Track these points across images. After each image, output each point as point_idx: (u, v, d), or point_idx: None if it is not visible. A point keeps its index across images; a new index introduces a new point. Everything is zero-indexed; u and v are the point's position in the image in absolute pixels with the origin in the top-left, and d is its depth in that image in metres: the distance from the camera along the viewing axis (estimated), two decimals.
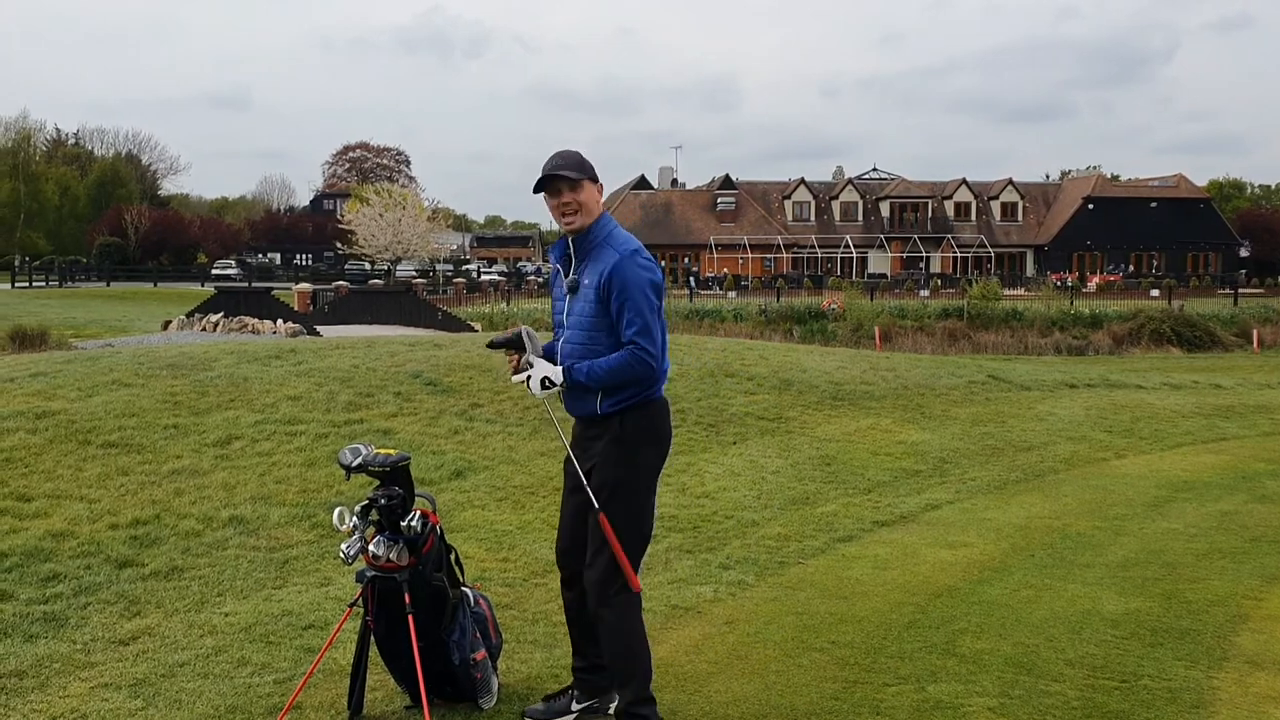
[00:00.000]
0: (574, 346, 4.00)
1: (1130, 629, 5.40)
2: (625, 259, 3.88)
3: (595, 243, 3.98)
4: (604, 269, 3.89)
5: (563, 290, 4.07)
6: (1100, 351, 34.76)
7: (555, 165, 3.96)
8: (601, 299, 3.89)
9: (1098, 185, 75.83)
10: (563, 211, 3.97)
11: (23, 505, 6.66)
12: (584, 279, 3.96)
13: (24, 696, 4.35)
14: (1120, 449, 11.20)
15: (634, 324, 3.86)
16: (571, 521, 4.19)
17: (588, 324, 3.95)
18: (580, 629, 4.25)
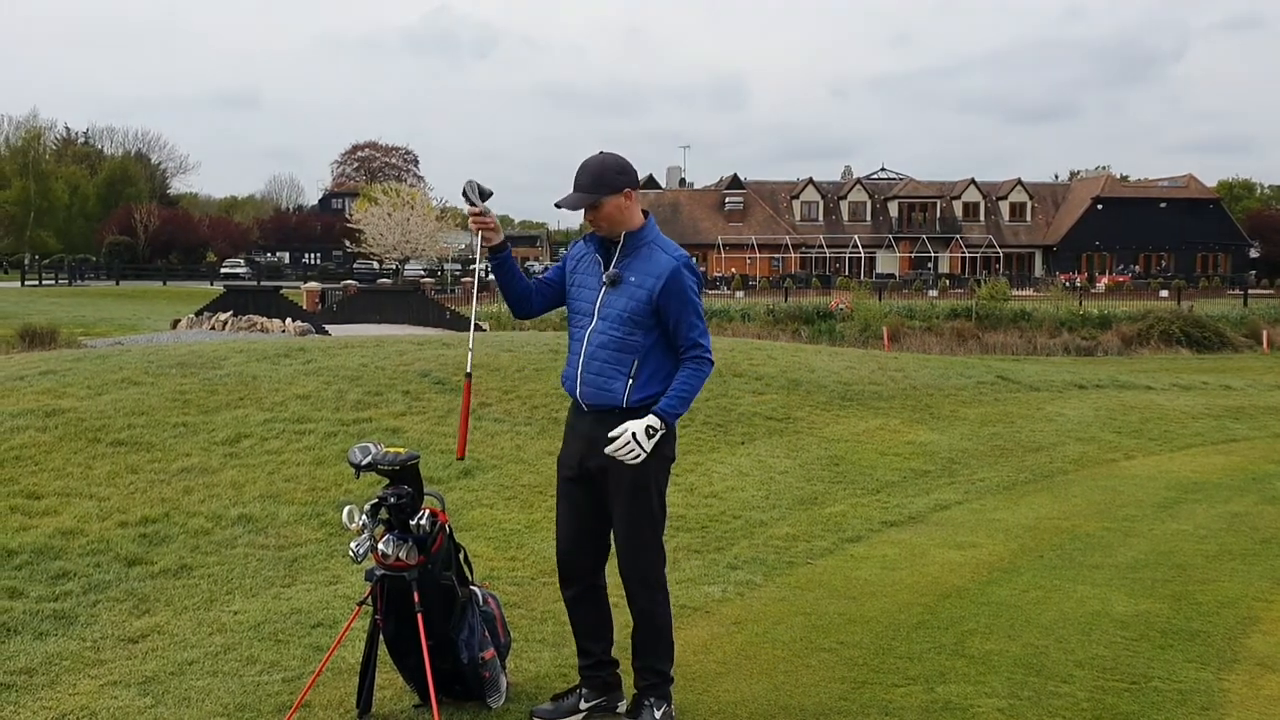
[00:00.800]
0: (606, 338, 3.99)
1: (1140, 630, 5.39)
2: (682, 265, 4.00)
3: (644, 242, 4.04)
4: (661, 273, 3.95)
5: (598, 281, 4.06)
6: (1109, 352, 34.65)
7: (573, 192, 3.99)
8: (654, 301, 3.94)
9: (1107, 185, 75.70)
10: (594, 226, 4.07)
11: (32, 503, 6.68)
12: (629, 275, 3.98)
13: (34, 694, 4.36)
14: (1129, 450, 11.17)
15: (696, 326, 4.01)
16: (570, 519, 4.19)
17: (626, 319, 3.96)
18: (584, 627, 4.25)
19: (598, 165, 3.98)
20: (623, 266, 4.02)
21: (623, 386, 3.98)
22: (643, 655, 4.16)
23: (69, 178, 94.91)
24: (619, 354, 3.98)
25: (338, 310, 37.32)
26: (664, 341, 4.01)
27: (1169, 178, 77.89)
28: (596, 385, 4.02)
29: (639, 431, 3.87)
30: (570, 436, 4.21)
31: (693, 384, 3.98)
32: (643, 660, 4.16)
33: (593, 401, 4.05)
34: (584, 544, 4.18)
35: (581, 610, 4.25)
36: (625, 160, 4.05)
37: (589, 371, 4.03)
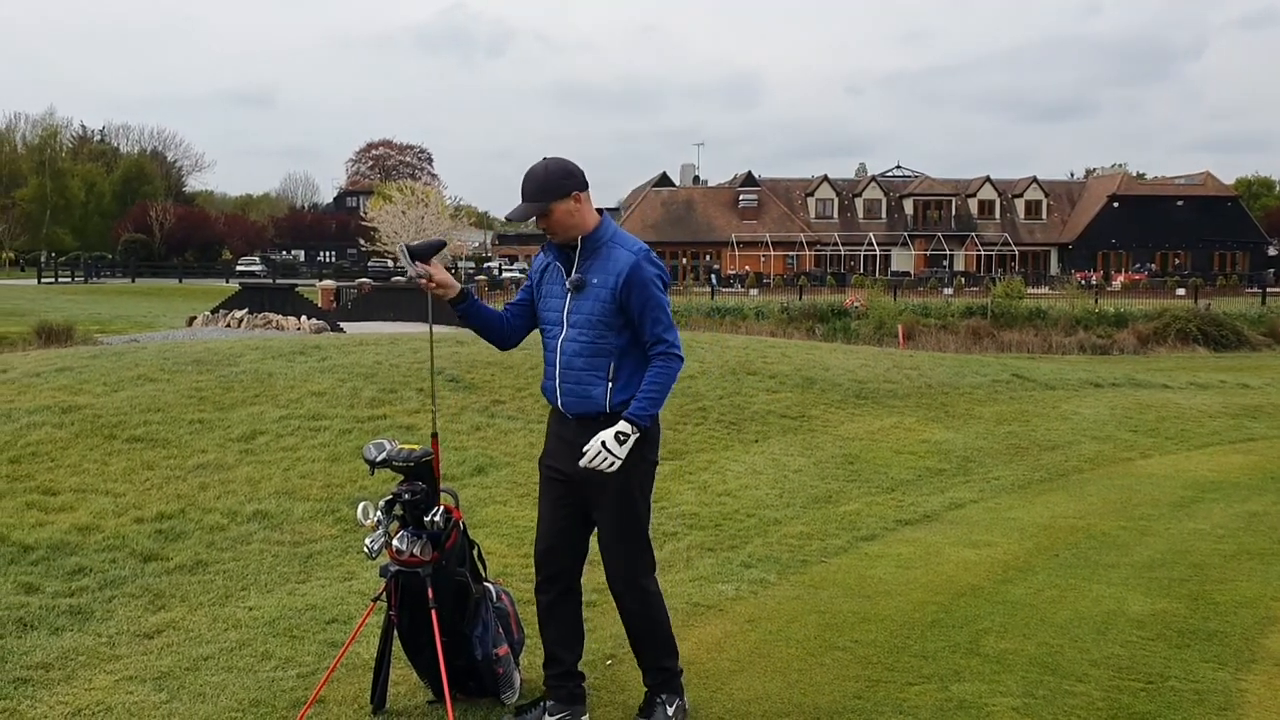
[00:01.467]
0: (579, 345, 3.94)
1: (1156, 630, 5.36)
2: (640, 258, 3.92)
3: (601, 242, 3.96)
4: (620, 269, 3.89)
5: (562, 289, 3.99)
6: (1125, 351, 34.49)
7: (520, 205, 3.92)
8: (618, 299, 3.88)
9: (1123, 183, 75.35)
10: (548, 234, 4.01)
11: (49, 499, 6.72)
12: (592, 278, 3.92)
13: (50, 688, 4.38)
14: (1146, 449, 11.12)
15: (660, 321, 3.91)
16: (552, 517, 4.12)
17: (595, 322, 3.91)
18: (557, 634, 4.16)
19: (541, 172, 3.91)
20: (584, 270, 3.95)
21: (603, 391, 3.93)
22: (646, 655, 4.15)
23: (85, 175, 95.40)
24: (594, 359, 3.93)
25: (352, 308, 37.40)
26: (638, 340, 3.96)
27: (1186, 175, 77.46)
28: (576, 394, 3.97)
29: (609, 440, 3.79)
30: (553, 440, 4.15)
31: (661, 382, 3.89)
32: (647, 660, 4.15)
33: (575, 410, 3.99)
34: (564, 544, 4.11)
35: (556, 616, 4.16)
36: (570, 164, 3.98)
37: (567, 381, 3.98)
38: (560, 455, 4.05)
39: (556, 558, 4.13)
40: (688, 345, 13.74)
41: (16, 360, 10.65)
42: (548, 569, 4.14)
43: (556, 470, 4.08)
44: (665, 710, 4.08)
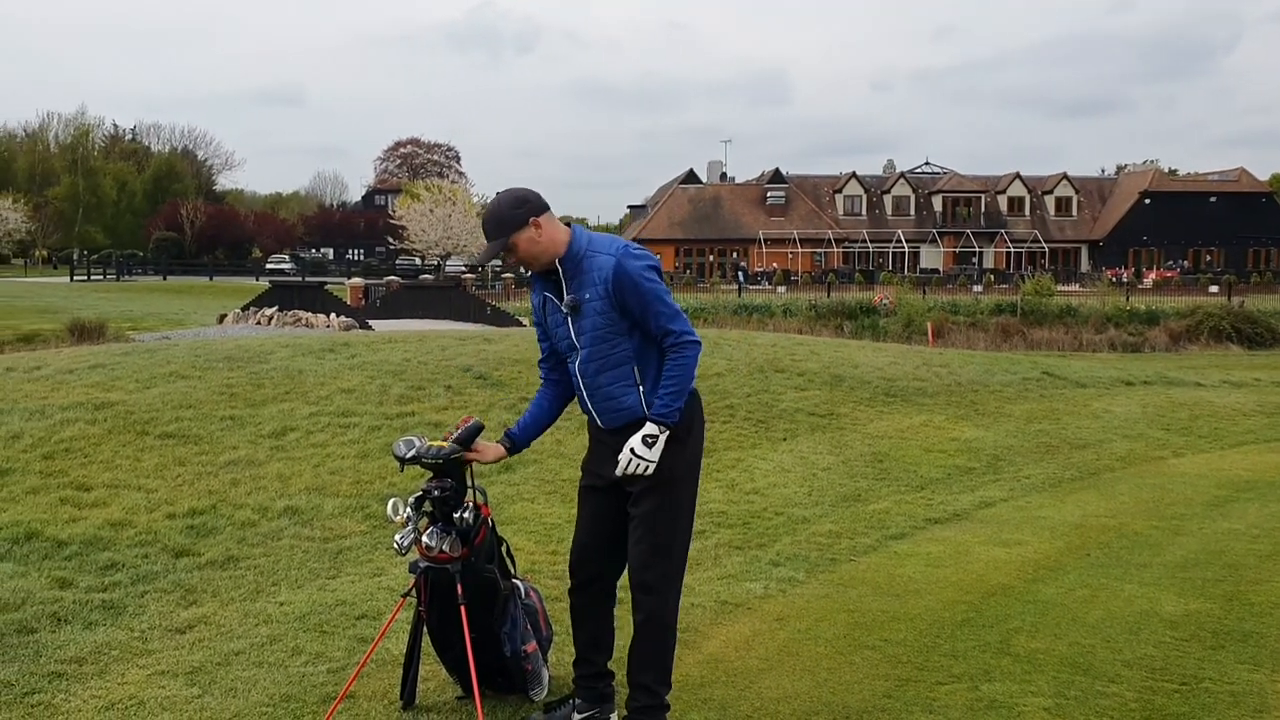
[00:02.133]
0: (595, 364, 3.89)
1: (1190, 631, 5.30)
2: (620, 257, 3.83)
3: (580, 256, 3.87)
4: (605, 275, 3.80)
5: (561, 316, 3.94)
6: (1157, 349, 34.20)
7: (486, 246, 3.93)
8: (614, 304, 3.82)
9: (1155, 180, 74.64)
10: (526, 267, 3.98)
11: (82, 495, 6.78)
12: (584, 294, 3.85)
13: (84, 682, 4.42)
14: (1178, 447, 11.01)
15: (662, 314, 3.83)
16: (591, 522, 4.09)
17: (602, 335, 3.86)
18: (589, 635, 4.14)
19: (494, 209, 3.88)
20: (573, 289, 3.87)
21: (636, 398, 3.88)
22: (639, 671, 3.95)
23: (117, 174, 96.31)
24: (615, 371, 3.88)
25: (381, 306, 37.55)
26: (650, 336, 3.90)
27: (1219, 171, 76.64)
28: (611, 409, 3.93)
29: (637, 445, 3.77)
30: (594, 445, 4.12)
31: (678, 374, 3.82)
32: (639, 677, 3.95)
33: (615, 424, 3.94)
34: (601, 550, 4.07)
35: (589, 619, 4.13)
36: (522, 191, 3.92)
37: (597, 400, 3.94)
38: (602, 460, 4.00)
39: (592, 563, 4.10)
40: (715, 343, 13.73)
41: (50, 357, 10.76)
42: (583, 573, 4.12)
43: (598, 476, 4.04)
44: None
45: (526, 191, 3.93)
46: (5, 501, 6.58)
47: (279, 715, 4.13)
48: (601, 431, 4.03)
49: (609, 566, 4.12)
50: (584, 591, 4.13)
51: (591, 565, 4.10)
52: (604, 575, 4.12)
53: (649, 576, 3.93)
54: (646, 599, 3.93)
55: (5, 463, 7.19)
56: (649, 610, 3.93)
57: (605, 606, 4.16)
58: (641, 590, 3.94)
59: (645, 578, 3.93)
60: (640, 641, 3.97)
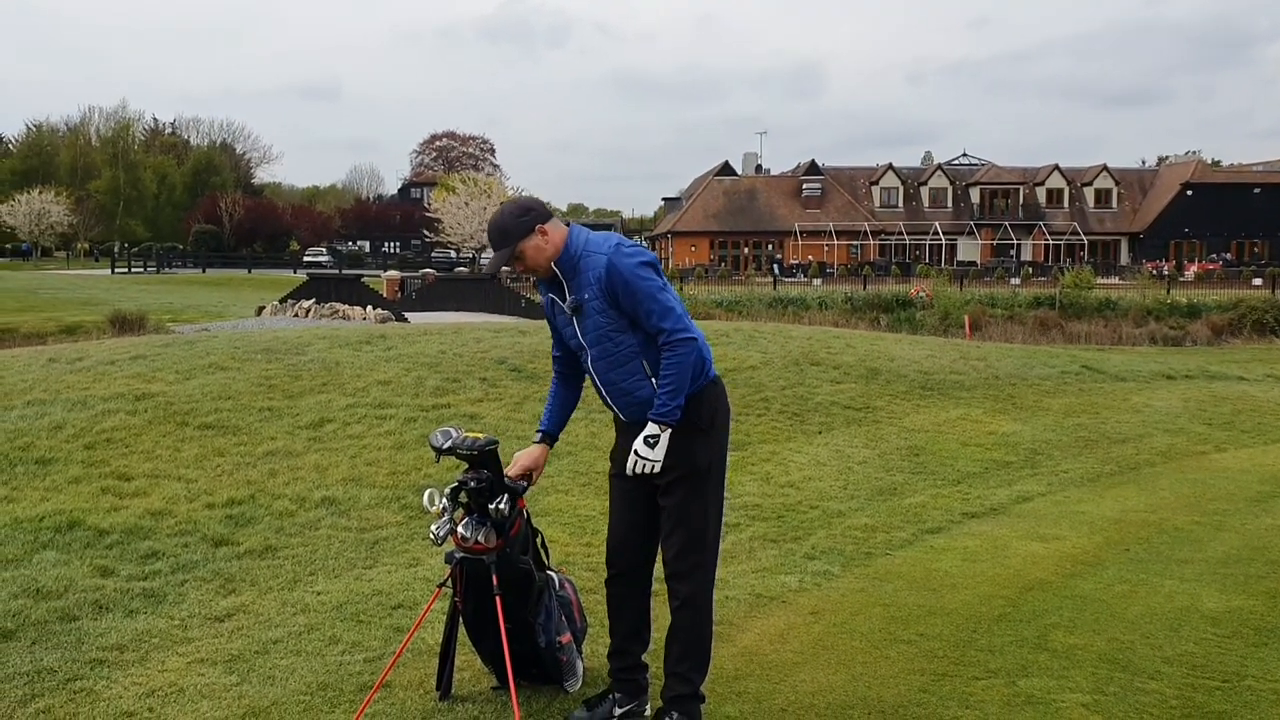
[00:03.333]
0: (604, 361, 3.96)
1: (1232, 627, 5.23)
2: (613, 256, 3.85)
3: (576, 258, 3.91)
4: (599, 275, 3.85)
5: (566, 318, 4.01)
6: (1198, 342, 33.75)
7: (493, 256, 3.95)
8: (610, 303, 3.86)
9: (1197, 171, 73.54)
10: (532, 274, 3.99)
11: (123, 484, 6.86)
12: (583, 295, 3.91)
13: (125, 669, 4.48)
14: (1220, 442, 10.86)
15: (653, 311, 3.84)
16: (623, 512, 4.13)
17: (605, 333, 3.91)
18: (627, 627, 4.16)
19: (498, 220, 3.93)
20: (574, 291, 3.93)
21: (651, 389, 3.91)
22: (675, 660, 3.99)
23: (157, 167, 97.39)
24: (624, 366, 3.94)
25: (417, 298, 37.76)
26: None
27: (1264, 162, 75.48)
28: (629, 403, 3.99)
29: (640, 447, 3.83)
30: (620, 437, 4.17)
31: (674, 373, 3.83)
32: (674, 666, 3.99)
33: (635, 416, 3.99)
34: (636, 538, 4.10)
35: (627, 611, 4.15)
36: (525, 201, 4.03)
37: (615, 396, 4.01)
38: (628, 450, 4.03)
39: (627, 554, 4.12)
40: (750, 336, 13.70)
41: (92, 348, 10.89)
42: (618, 565, 4.14)
43: (621, 457, 4.08)
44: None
45: (529, 200, 4.07)
46: (49, 491, 6.67)
47: (316, 704, 4.17)
48: (625, 424, 4.08)
49: (645, 556, 4.14)
50: (621, 582, 4.15)
51: (628, 555, 4.12)
52: (640, 565, 4.14)
53: (683, 566, 3.96)
54: (682, 588, 3.96)
55: (48, 452, 7.29)
56: (684, 599, 3.97)
57: (642, 597, 4.18)
58: (676, 580, 3.97)
59: (680, 567, 3.96)
60: (677, 631, 3.99)
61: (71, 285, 49.62)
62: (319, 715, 4.07)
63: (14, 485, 6.72)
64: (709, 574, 4.02)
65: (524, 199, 4.05)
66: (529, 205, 3.98)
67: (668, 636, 4.04)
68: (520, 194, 77.69)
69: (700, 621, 3.99)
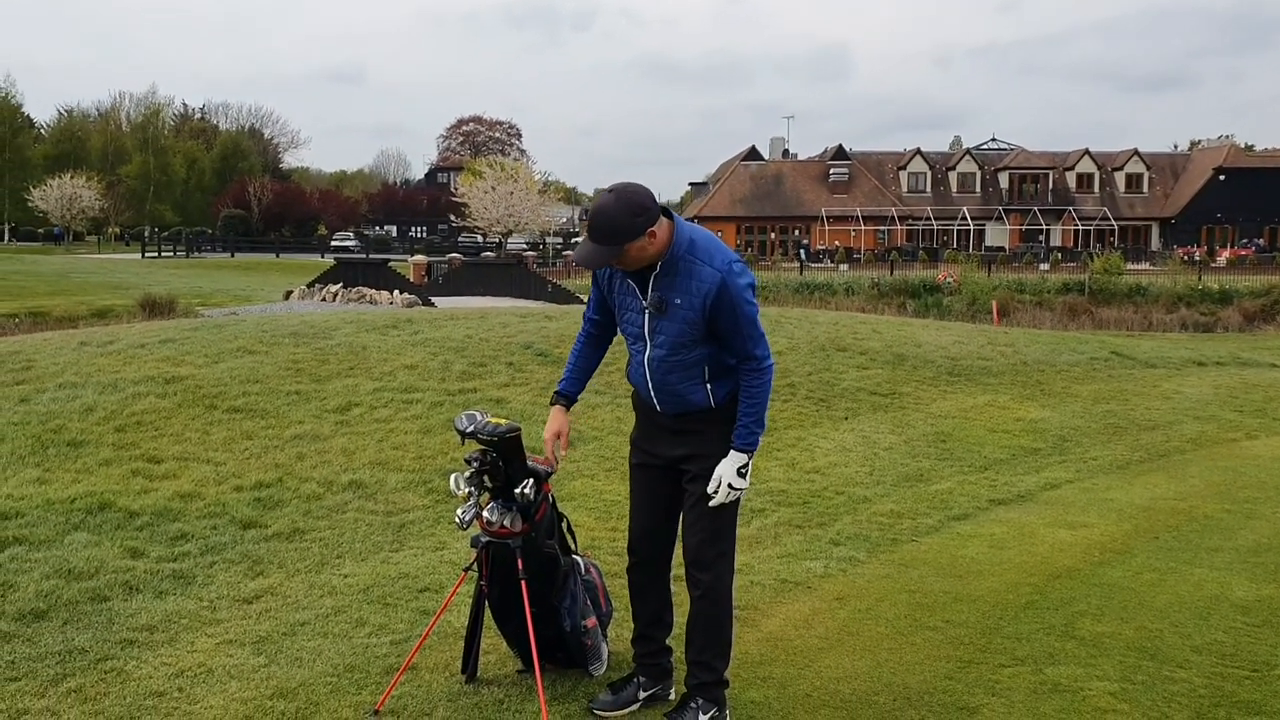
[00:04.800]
0: (670, 363, 3.81)
1: (1263, 616, 5.19)
2: (727, 276, 3.68)
3: (678, 257, 3.70)
4: (707, 288, 3.67)
5: (640, 305, 3.81)
6: (1230, 329, 33.45)
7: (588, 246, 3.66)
8: (706, 316, 3.70)
9: (1230, 155, 72.62)
10: (621, 267, 3.77)
11: (153, 467, 6.92)
12: (674, 298, 3.71)
13: (154, 650, 4.52)
14: (1252, 429, 10.75)
15: (750, 338, 3.75)
16: (647, 500, 4.08)
17: (684, 340, 3.77)
18: (650, 613, 4.15)
19: (610, 214, 3.59)
20: (663, 289, 3.73)
21: (704, 394, 3.84)
22: (698, 649, 3.95)
23: (186, 152, 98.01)
24: (687, 370, 3.82)
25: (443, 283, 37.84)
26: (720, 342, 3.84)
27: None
28: (676, 401, 3.88)
29: (733, 479, 3.77)
30: (647, 424, 4.07)
31: (758, 401, 3.79)
32: (697, 654, 3.95)
33: (676, 410, 3.91)
34: (659, 527, 4.08)
35: (651, 597, 4.14)
36: (641, 196, 3.63)
37: (663, 392, 3.89)
38: (656, 439, 4.01)
39: (652, 541, 4.10)
40: (776, 321, 13.66)
41: (122, 332, 10.99)
42: (643, 552, 4.12)
43: (651, 454, 4.04)
44: (698, 716, 3.91)
45: (646, 197, 3.65)
46: (80, 473, 6.74)
47: (343, 685, 4.20)
48: (657, 414, 3.98)
49: (667, 543, 4.13)
50: (644, 568, 4.14)
51: (651, 542, 4.11)
52: (662, 552, 4.14)
53: (707, 555, 3.93)
54: (704, 577, 3.93)
55: (80, 435, 7.37)
56: (706, 588, 3.94)
57: (665, 582, 4.18)
58: (699, 569, 3.94)
59: (703, 556, 3.93)
60: (699, 619, 3.97)
61: (102, 269, 50.05)
62: (346, 697, 4.10)
63: (46, 467, 6.79)
64: (730, 562, 4.00)
65: (636, 191, 3.64)
66: (644, 203, 3.61)
67: (689, 625, 4.01)
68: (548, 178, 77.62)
69: (722, 610, 3.97)
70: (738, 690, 4.18)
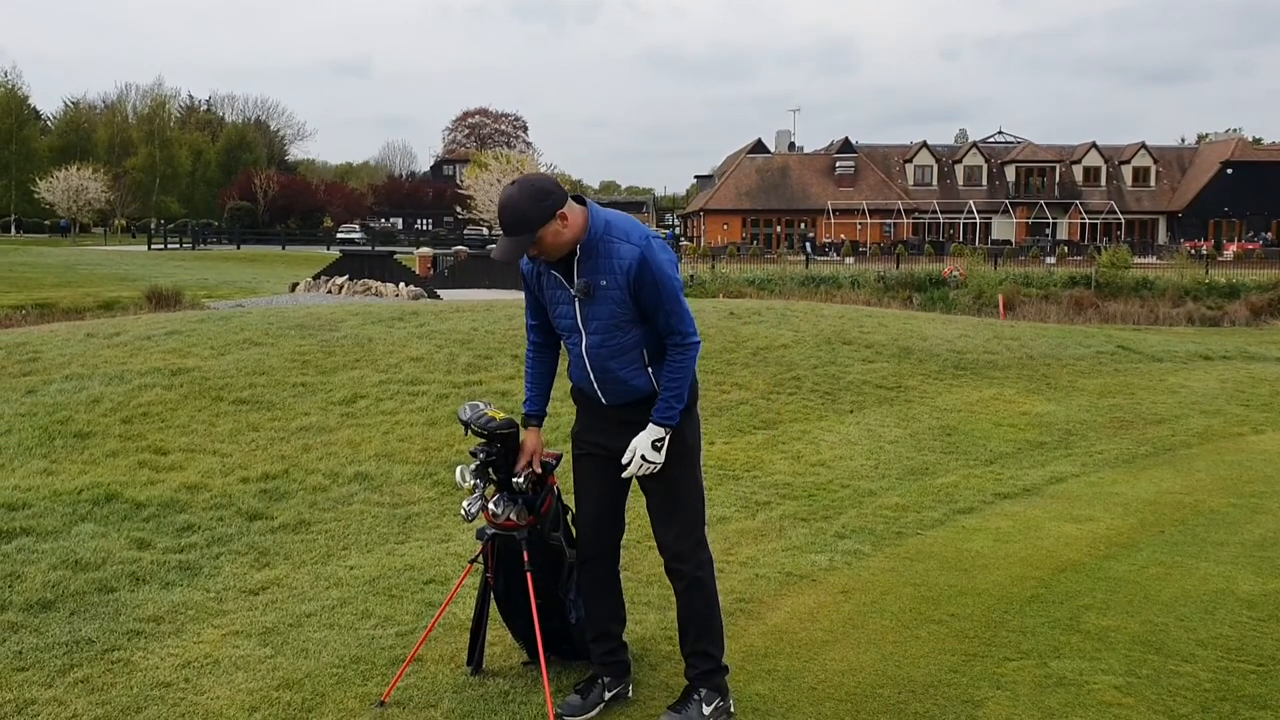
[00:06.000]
0: (607, 349, 3.79)
1: (1268, 611, 5.18)
2: (646, 250, 3.68)
3: (595, 240, 3.69)
4: (627, 264, 3.67)
5: (569, 295, 3.78)
6: (1237, 323, 33.36)
7: (503, 241, 3.67)
8: (631, 294, 3.70)
9: (1237, 149, 72.38)
10: (543, 256, 3.75)
11: (160, 458, 6.94)
12: (599, 279, 3.70)
13: (161, 640, 4.54)
14: (1258, 424, 10.73)
15: (674, 313, 3.74)
16: (597, 493, 4.03)
17: (617, 322, 3.75)
18: (606, 609, 4.11)
19: (515, 204, 3.60)
20: (587, 273, 3.71)
21: (647, 379, 3.83)
22: (692, 639, 3.95)
23: (192, 144, 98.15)
24: (625, 355, 3.80)
25: (449, 275, 37.89)
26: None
27: None
28: (619, 390, 3.86)
29: (647, 451, 3.75)
30: (591, 417, 4.03)
31: (680, 377, 3.76)
32: (693, 645, 3.95)
33: (620, 401, 3.89)
34: (610, 519, 4.04)
35: (606, 590, 4.11)
36: (543, 181, 3.69)
37: (605, 381, 3.86)
38: (603, 431, 3.97)
39: (604, 534, 4.06)
40: (782, 314, 13.65)
41: (129, 323, 11.01)
42: (596, 545, 4.06)
43: (599, 446, 3.98)
44: (701, 708, 3.87)
45: (546, 181, 3.71)
46: (86, 464, 6.76)
47: (349, 676, 4.21)
48: (604, 407, 3.95)
49: (616, 537, 4.10)
50: (598, 564, 4.09)
51: (604, 536, 4.06)
52: (613, 546, 4.10)
53: (686, 546, 3.92)
54: (686, 568, 3.93)
55: (86, 426, 7.38)
56: (691, 579, 3.93)
57: (615, 576, 4.15)
58: (680, 561, 3.93)
59: (682, 548, 3.92)
60: (690, 612, 3.96)
61: (109, 261, 50.12)
62: (352, 688, 4.11)
63: (53, 458, 6.81)
64: (706, 549, 3.98)
65: (538, 179, 3.70)
66: (547, 188, 3.65)
67: (681, 619, 3.99)
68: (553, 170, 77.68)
69: (709, 597, 3.96)
70: (743, 683, 4.18)
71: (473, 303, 14.74)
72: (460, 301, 15.82)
